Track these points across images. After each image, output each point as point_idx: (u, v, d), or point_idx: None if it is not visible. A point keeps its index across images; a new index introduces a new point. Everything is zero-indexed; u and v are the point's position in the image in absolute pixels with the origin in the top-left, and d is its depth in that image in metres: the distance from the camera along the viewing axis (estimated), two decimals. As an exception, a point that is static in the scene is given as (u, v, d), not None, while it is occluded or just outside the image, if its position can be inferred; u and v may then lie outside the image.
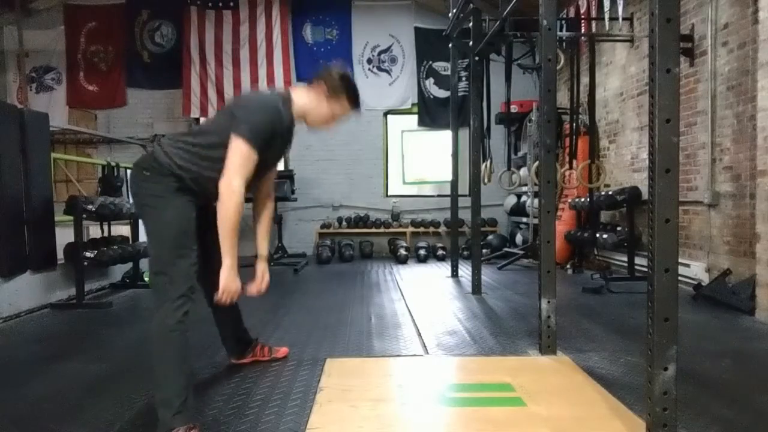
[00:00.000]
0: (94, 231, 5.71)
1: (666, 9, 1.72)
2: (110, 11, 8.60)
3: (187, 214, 2.10)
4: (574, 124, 5.50)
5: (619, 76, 6.41)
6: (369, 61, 8.77)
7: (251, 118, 2.09)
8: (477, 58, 5.08)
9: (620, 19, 5.58)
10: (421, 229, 8.51)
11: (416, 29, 8.67)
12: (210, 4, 8.50)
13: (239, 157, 2.04)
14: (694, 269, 4.83)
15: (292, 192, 7.67)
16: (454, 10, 5.19)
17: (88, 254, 4.68)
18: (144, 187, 2.11)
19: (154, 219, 2.09)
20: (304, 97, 2.34)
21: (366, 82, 8.75)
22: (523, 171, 6.94)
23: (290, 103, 2.29)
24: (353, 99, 2.36)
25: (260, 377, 2.63)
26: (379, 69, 8.78)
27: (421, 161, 8.98)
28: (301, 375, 2.65)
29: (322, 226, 8.57)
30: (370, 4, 8.71)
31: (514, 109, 6.95)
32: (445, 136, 7.50)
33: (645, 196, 5.24)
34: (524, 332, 3.41)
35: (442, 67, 8.61)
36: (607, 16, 5.54)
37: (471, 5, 4.81)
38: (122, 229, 5.73)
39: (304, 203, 8.49)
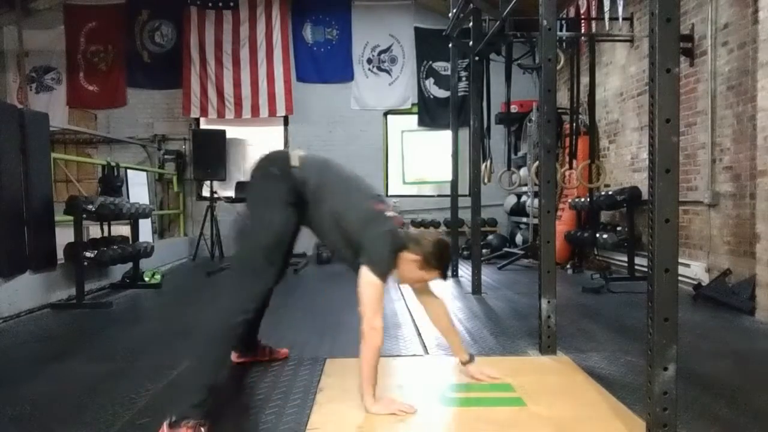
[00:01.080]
0: (94, 231, 5.71)
1: (666, 9, 1.72)
2: (110, 11, 8.60)
3: (292, 228, 2.19)
4: (574, 124, 5.50)
5: (619, 76, 6.41)
6: (369, 61, 8.77)
7: (383, 257, 2.17)
8: (477, 58, 5.08)
9: (620, 19, 5.58)
10: (421, 229, 8.50)
11: (416, 29, 8.67)
12: (210, 4, 8.50)
13: (375, 294, 2.12)
14: (694, 269, 4.83)
15: (292, 192, 7.65)
16: (454, 10, 5.18)
17: (88, 254, 4.68)
18: (268, 183, 2.17)
19: (262, 217, 2.13)
20: (402, 258, 2.31)
21: (366, 82, 8.76)
22: (523, 171, 6.93)
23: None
24: (443, 273, 2.36)
25: (260, 377, 2.63)
26: (379, 69, 8.78)
27: (421, 161, 8.98)
28: (301, 375, 2.65)
29: (322, 226, 8.56)
30: (370, 4, 8.71)
31: (514, 109, 6.95)
32: (445, 136, 7.50)
33: (645, 196, 5.24)
34: (524, 332, 3.41)
35: (442, 67, 8.60)
36: (607, 16, 5.54)
37: (471, 5, 4.81)
38: (122, 229, 5.73)
39: (304, 203, 8.47)
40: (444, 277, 2.36)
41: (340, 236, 2.25)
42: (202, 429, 1.92)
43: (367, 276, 2.13)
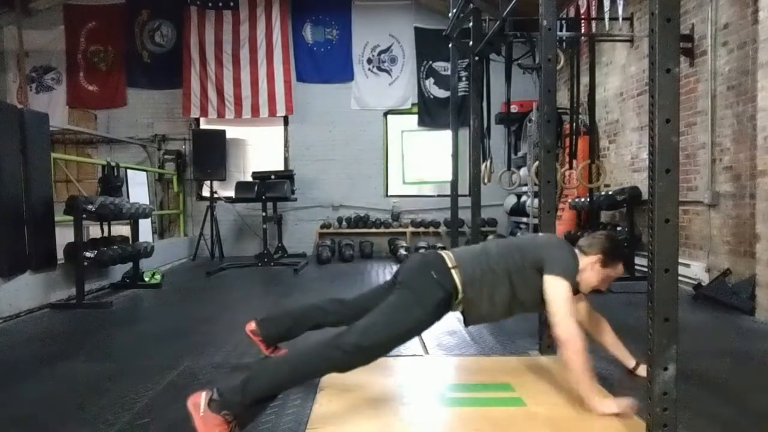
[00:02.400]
0: (94, 231, 5.71)
1: (666, 9, 1.72)
2: (110, 11, 8.60)
3: (426, 327, 2.22)
4: (574, 124, 5.50)
5: (619, 76, 6.41)
6: (369, 61, 8.77)
7: (565, 261, 2.23)
8: (477, 58, 5.07)
9: (620, 19, 5.58)
10: (421, 229, 8.51)
11: (416, 29, 8.67)
12: (210, 4, 8.50)
13: (567, 298, 2.14)
14: (694, 269, 4.83)
15: (292, 192, 7.67)
16: (454, 10, 5.18)
17: (88, 254, 4.68)
18: (425, 282, 2.19)
19: (407, 308, 2.14)
20: (582, 266, 2.35)
21: (366, 82, 8.76)
22: (523, 171, 6.93)
23: None
24: (627, 264, 2.41)
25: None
26: (379, 69, 8.78)
27: (421, 161, 8.97)
28: (301, 375, 2.64)
29: (322, 226, 8.57)
30: (370, 4, 8.71)
31: (514, 109, 6.95)
32: (445, 136, 7.50)
33: (645, 196, 5.24)
34: (524, 332, 3.41)
35: (442, 67, 8.60)
36: (607, 16, 5.54)
37: (471, 5, 4.80)
38: (122, 229, 5.73)
39: (304, 203, 8.49)
40: (627, 267, 2.39)
41: (523, 285, 2.26)
42: (237, 429, 1.87)
43: (553, 282, 2.16)
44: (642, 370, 2.54)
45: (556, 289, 2.16)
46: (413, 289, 2.18)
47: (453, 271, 2.23)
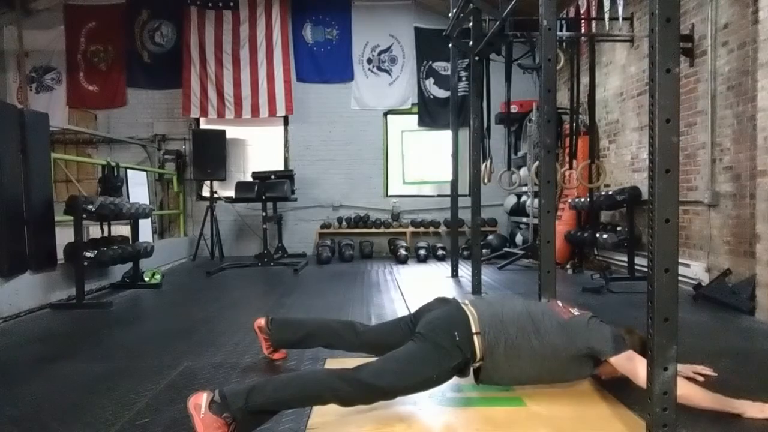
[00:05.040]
0: (94, 231, 5.71)
1: (666, 9, 1.72)
2: (110, 11, 8.60)
3: (438, 385, 2.18)
4: (574, 124, 5.50)
5: (619, 76, 6.41)
6: (369, 61, 8.77)
7: (613, 336, 2.20)
8: (477, 58, 5.07)
9: (620, 19, 5.58)
10: (421, 229, 8.52)
11: (416, 29, 8.67)
12: (210, 4, 8.50)
13: (642, 364, 2.04)
14: (694, 269, 4.83)
15: (292, 192, 7.67)
16: (454, 10, 5.18)
17: (88, 254, 4.68)
18: (446, 342, 2.13)
19: (423, 364, 2.10)
20: None
21: (366, 82, 8.76)
22: (523, 171, 6.93)
23: None
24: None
25: (260, 377, 2.63)
26: (379, 69, 8.78)
27: (421, 161, 8.98)
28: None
29: (322, 226, 8.57)
30: (370, 4, 8.71)
31: (514, 109, 6.95)
32: (445, 136, 7.50)
33: (645, 196, 5.24)
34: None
35: (442, 67, 8.61)
36: (607, 16, 5.54)
37: (471, 5, 4.81)
38: (122, 229, 5.73)
39: (304, 203, 8.49)
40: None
41: (563, 368, 2.23)
42: None
43: (624, 358, 2.12)
44: (681, 369, 2.48)
45: (630, 363, 2.12)
46: (434, 347, 2.13)
47: (475, 338, 2.18)
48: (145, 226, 6.59)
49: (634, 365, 2.10)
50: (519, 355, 2.18)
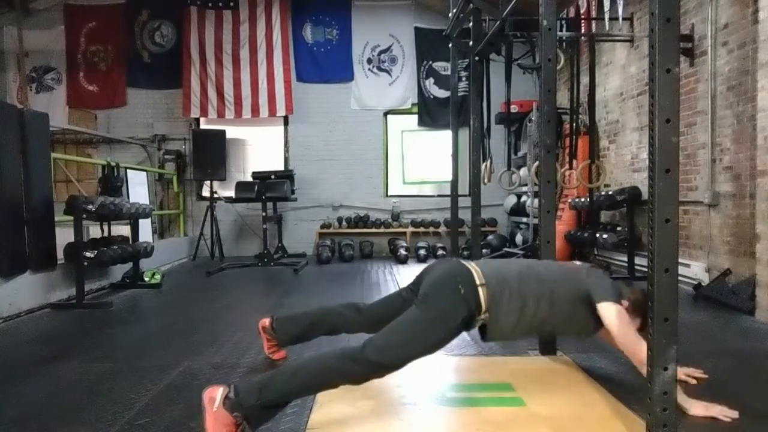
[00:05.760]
0: (94, 231, 5.71)
1: (666, 9, 1.72)
2: (110, 11, 8.60)
3: (447, 344, 2.18)
4: (574, 124, 5.50)
5: (619, 76, 6.41)
6: (369, 61, 8.77)
7: (611, 287, 2.25)
8: (477, 58, 5.07)
9: (620, 19, 5.58)
10: (421, 229, 8.51)
11: (416, 29, 8.67)
12: (210, 4, 8.50)
13: (625, 322, 2.13)
14: (694, 269, 4.83)
15: (292, 192, 7.67)
16: (454, 10, 5.18)
17: (88, 254, 4.68)
18: (450, 297, 2.14)
19: (428, 327, 2.11)
20: None
21: (366, 82, 8.76)
22: (523, 171, 6.93)
23: None
24: (646, 323, 2.39)
25: (260, 377, 2.63)
26: (379, 69, 8.78)
27: (421, 161, 8.97)
28: (301, 375, 2.64)
29: (322, 226, 8.57)
30: (370, 4, 8.71)
31: (514, 109, 6.95)
32: (445, 136, 7.50)
33: (645, 196, 5.24)
34: (524, 332, 3.40)
35: (442, 67, 8.60)
36: (607, 16, 5.54)
37: (471, 5, 4.80)
38: (122, 229, 5.73)
39: (304, 203, 8.49)
40: (644, 329, 2.37)
41: (558, 314, 2.25)
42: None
43: (610, 309, 2.16)
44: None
45: (614, 314, 2.14)
46: (437, 307, 2.13)
47: (480, 289, 2.17)
48: (145, 226, 6.59)
49: (618, 320, 2.13)
50: (523, 302, 2.19)
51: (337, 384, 2.02)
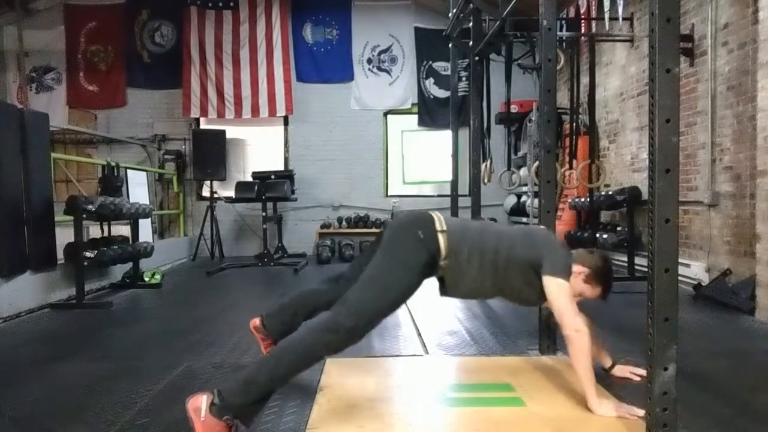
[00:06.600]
0: (94, 231, 5.71)
1: (666, 9, 1.72)
2: (110, 11, 8.60)
3: (415, 290, 2.16)
4: (574, 124, 5.50)
5: (619, 76, 6.41)
6: (369, 61, 8.77)
7: (561, 261, 2.23)
8: (477, 58, 5.07)
9: (620, 19, 5.58)
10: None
11: (416, 29, 8.67)
12: (210, 4, 8.50)
13: (566, 298, 2.15)
14: (694, 269, 4.83)
15: (292, 192, 7.67)
16: (454, 10, 5.18)
17: (88, 254, 4.68)
18: (411, 246, 2.14)
19: (393, 274, 2.10)
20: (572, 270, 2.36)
21: (366, 82, 8.76)
22: (523, 171, 6.93)
23: None
24: (607, 291, 2.37)
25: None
26: (379, 69, 8.78)
27: (421, 161, 8.97)
28: (301, 375, 2.64)
29: (322, 226, 8.57)
30: (370, 3, 8.70)
31: (514, 109, 6.94)
32: (445, 136, 7.50)
33: (645, 196, 5.24)
34: (524, 332, 3.41)
35: (442, 67, 8.60)
36: (607, 16, 5.54)
37: (471, 5, 4.80)
38: (122, 229, 5.73)
39: (304, 203, 8.49)
40: (605, 297, 2.36)
41: (511, 276, 2.24)
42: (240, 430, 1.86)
43: (554, 282, 2.16)
44: (618, 371, 2.56)
45: (557, 289, 2.16)
46: (397, 254, 2.13)
47: (440, 235, 2.17)
48: (145, 226, 6.60)
49: (558, 295, 2.15)
50: (481, 258, 2.19)
51: (321, 356, 2.04)
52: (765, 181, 3.70)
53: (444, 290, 2.29)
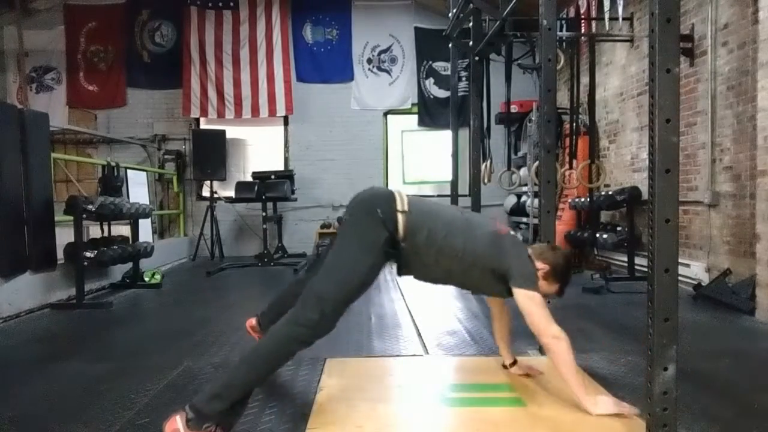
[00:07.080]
0: (94, 231, 5.71)
1: (666, 9, 1.72)
2: (110, 11, 8.60)
3: (377, 274, 2.13)
4: (574, 124, 5.50)
5: (619, 76, 6.41)
6: (369, 61, 8.77)
7: (529, 271, 2.21)
8: (477, 58, 5.07)
9: (620, 19, 5.58)
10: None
11: (416, 29, 8.67)
12: (210, 4, 8.50)
13: (539, 308, 2.13)
14: (694, 269, 4.83)
15: (292, 192, 7.66)
16: (454, 10, 5.18)
17: (88, 254, 4.68)
18: (370, 225, 2.10)
19: (353, 258, 2.07)
20: None
21: (366, 82, 8.76)
22: (523, 171, 6.93)
23: None
24: (563, 289, 2.36)
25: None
26: (379, 69, 8.78)
27: (421, 161, 8.97)
28: (301, 375, 2.65)
29: (322, 226, 8.57)
30: (370, 4, 8.70)
31: (514, 109, 6.94)
32: (445, 136, 7.50)
33: (645, 196, 5.24)
34: (524, 332, 3.38)
35: (442, 67, 8.60)
36: (607, 16, 5.54)
37: (471, 5, 4.81)
38: (122, 229, 5.73)
39: (304, 203, 8.49)
40: (562, 294, 2.35)
41: (469, 273, 2.23)
42: None
43: (525, 295, 2.14)
44: (516, 369, 2.57)
45: (529, 301, 2.13)
46: (356, 235, 2.10)
47: (399, 215, 2.12)
48: (145, 226, 6.60)
49: (530, 306, 2.13)
50: (440, 248, 2.16)
51: (293, 352, 2.00)
52: (765, 181, 3.70)
53: (398, 271, 2.27)
